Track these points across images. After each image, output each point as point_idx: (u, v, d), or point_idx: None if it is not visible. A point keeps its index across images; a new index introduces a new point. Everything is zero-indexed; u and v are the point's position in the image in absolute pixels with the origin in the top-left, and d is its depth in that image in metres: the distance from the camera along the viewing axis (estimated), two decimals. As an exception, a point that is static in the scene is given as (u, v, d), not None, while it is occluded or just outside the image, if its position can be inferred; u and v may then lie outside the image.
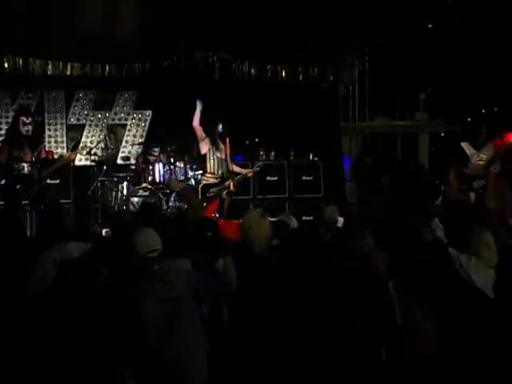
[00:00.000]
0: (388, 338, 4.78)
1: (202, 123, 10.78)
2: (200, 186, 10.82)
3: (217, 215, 9.14)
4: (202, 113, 10.71)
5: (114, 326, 4.54)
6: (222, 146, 10.83)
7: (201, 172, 11.04)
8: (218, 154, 10.79)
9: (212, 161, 10.74)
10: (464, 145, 10.09)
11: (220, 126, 10.72)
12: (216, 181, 10.69)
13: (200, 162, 11.18)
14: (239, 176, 11.04)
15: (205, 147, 10.83)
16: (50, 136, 13.40)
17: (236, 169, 11.12)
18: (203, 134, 10.76)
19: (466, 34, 13.08)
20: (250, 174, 11.35)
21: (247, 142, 13.69)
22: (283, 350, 4.86)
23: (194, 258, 5.08)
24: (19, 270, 5.40)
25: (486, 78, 13.96)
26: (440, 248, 5.59)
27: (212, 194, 10.48)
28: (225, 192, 10.64)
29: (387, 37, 12.98)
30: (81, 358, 4.54)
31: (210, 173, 10.74)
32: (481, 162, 9.52)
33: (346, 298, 4.76)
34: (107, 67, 13.50)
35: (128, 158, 13.46)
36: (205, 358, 4.74)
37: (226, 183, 10.67)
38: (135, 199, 11.31)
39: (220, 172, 10.79)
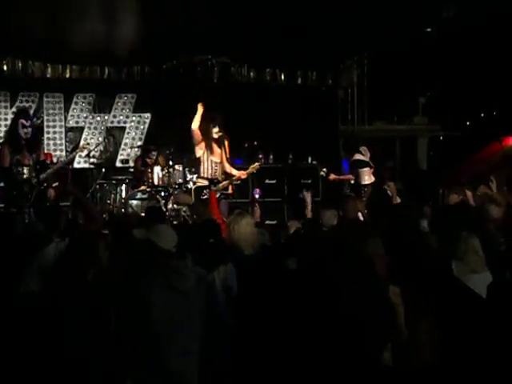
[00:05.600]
0: (391, 343, 4.78)
1: (200, 127, 10.64)
2: (193, 188, 10.71)
3: (224, 219, 9.04)
4: (202, 116, 10.58)
5: (115, 324, 4.54)
6: (217, 149, 10.68)
7: (197, 175, 10.97)
8: (213, 158, 10.64)
9: (206, 164, 10.60)
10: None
11: (216, 130, 10.58)
12: (208, 183, 10.55)
13: (198, 165, 11.13)
14: (234, 178, 10.87)
15: (199, 151, 10.64)
16: (48, 139, 13.41)
17: (234, 172, 10.98)
18: (200, 138, 10.57)
19: (466, 38, 13.10)
20: (243, 176, 11.15)
21: (246, 145, 13.71)
22: (283, 352, 4.86)
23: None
24: (12, 273, 5.41)
25: (485, 82, 13.98)
26: (444, 254, 5.60)
27: (206, 196, 10.39)
28: (221, 194, 10.52)
29: (386, 41, 12.99)
30: (80, 362, 4.54)
31: (204, 177, 10.60)
32: None
33: (341, 300, 4.75)
34: (106, 70, 13.54)
35: (127, 161, 13.47)
36: (197, 360, 4.73)
37: (220, 185, 10.53)
38: (134, 202, 11.31)
39: (214, 175, 10.64)
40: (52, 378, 4.56)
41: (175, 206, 11.19)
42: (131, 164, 12.99)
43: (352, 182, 12.18)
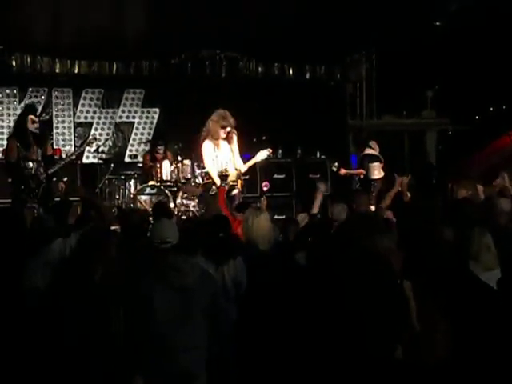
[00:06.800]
0: (403, 338, 4.77)
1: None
2: (202, 183, 10.67)
3: (234, 213, 9.00)
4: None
5: (121, 324, 4.53)
6: (226, 145, 10.62)
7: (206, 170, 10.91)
8: (221, 155, 10.58)
9: (214, 163, 10.56)
10: None
11: (226, 130, 10.51)
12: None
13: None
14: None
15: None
16: (57, 134, 13.46)
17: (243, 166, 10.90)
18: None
19: (474, 31, 13.05)
20: (251, 163, 11.04)
21: (254, 140, 13.68)
22: (290, 348, 4.86)
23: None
24: (18, 269, 5.42)
25: (494, 75, 13.92)
26: (459, 249, 5.56)
27: (214, 192, 10.36)
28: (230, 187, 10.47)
29: (394, 35, 12.96)
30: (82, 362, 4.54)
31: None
32: None
33: (347, 294, 4.73)
34: (115, 65, 13.55)
35: (135, 156, 13.52)
36: (205, 354, 4.72)
37: (229, 179, 10.47)
38: (143, 197, 11.31)
39: (220, 171, 10.56)
40: (52, 378, 4.56)
41: (184, 200, 11.18)
42: (140, 159, 13.02)
43: (362, 176, 12.16)
